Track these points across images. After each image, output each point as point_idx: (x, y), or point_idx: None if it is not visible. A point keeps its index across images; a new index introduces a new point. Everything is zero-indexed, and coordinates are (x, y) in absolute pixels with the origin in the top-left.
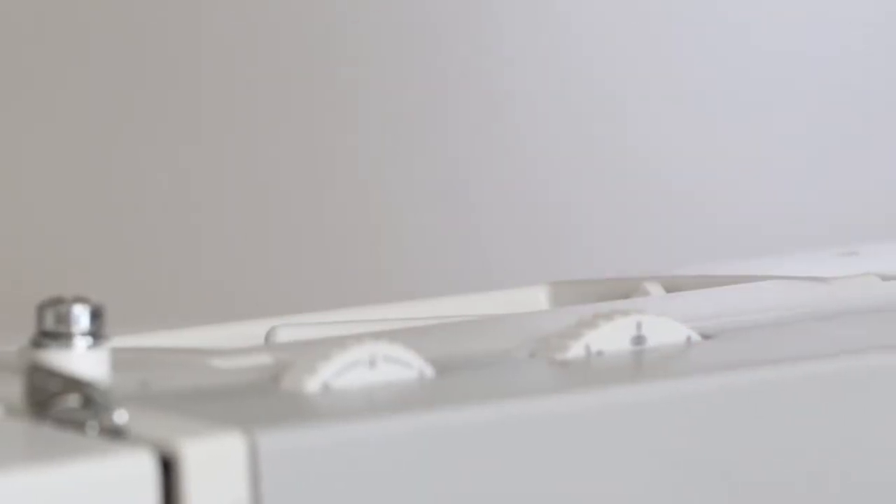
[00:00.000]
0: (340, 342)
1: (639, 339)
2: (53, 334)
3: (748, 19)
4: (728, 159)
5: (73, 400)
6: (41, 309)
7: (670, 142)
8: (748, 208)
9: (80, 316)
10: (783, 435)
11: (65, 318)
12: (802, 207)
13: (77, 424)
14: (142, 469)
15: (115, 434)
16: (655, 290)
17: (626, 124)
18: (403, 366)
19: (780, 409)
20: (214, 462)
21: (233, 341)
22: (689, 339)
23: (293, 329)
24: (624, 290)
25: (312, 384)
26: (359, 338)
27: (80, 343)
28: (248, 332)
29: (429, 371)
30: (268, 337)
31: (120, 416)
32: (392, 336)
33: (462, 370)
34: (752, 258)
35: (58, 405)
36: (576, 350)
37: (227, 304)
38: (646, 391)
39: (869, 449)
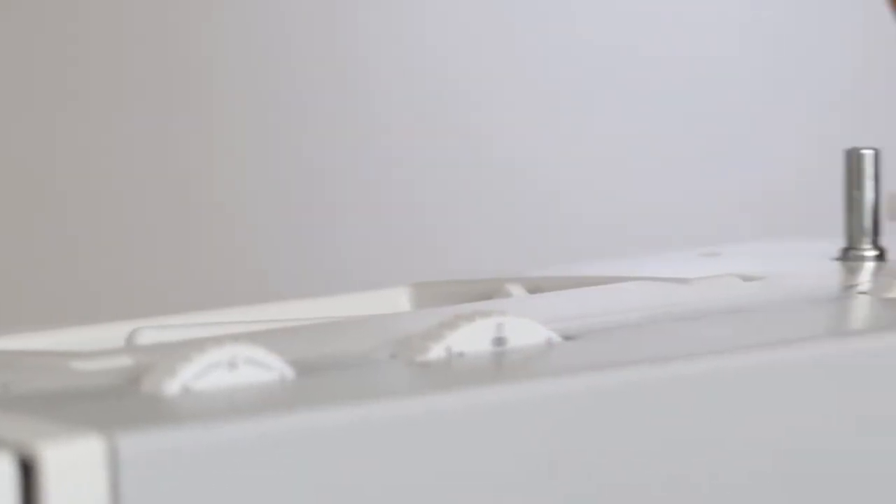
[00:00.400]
0: (200, 344)
1: (500, 341)
2: None
3: (607, 18)
4: (592, 160)
5: None
6: None
7: (534, 143)
8: (611, 209)
9: None
10: (644, 435)
11: None
12: (665, 208)
13: None
14: (1, 472)
15: None
16: (517, 291)
17: (490, 125)
18: (264, 368)
19: (642, 409)
20: (74, 465)
21: (94, 344)
22: (549, 340)
23: (155, 331)
24: (486, 291)
25: (172, 386)
26: (219, 340)
27: None
28: (110, 334)
29: (290, 373)
30: (129, 339)
31: None
32: (253, 338)
33: (323, 372)
34: (615, 259)
35: None
36: (437, 351)
37: (88, 306)
38: (506, 392)
39: (730, 449)
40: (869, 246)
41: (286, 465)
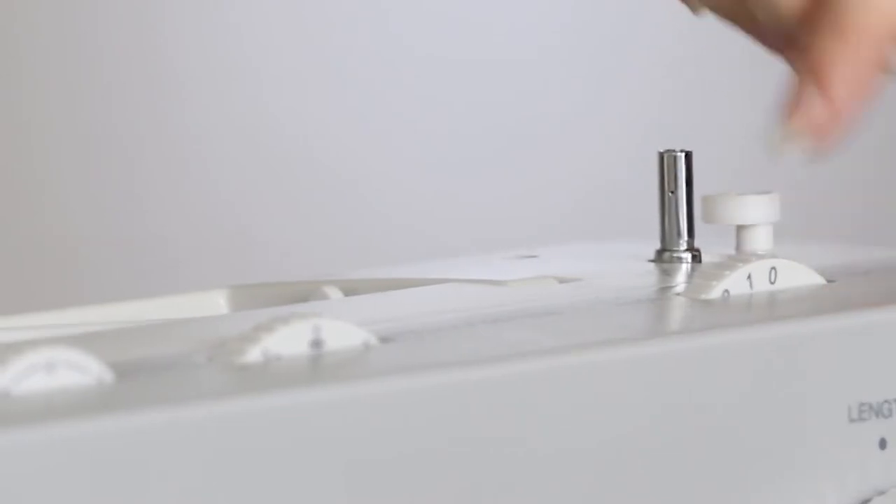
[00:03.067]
0: (17, 347)
1: (317, 343)
2: None
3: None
4: (408, 160)
5: None
6: None
7: (348, 144)
8: (426, 210)
9: None
10: (459, 437)
11: None
12: (481, 210)
13: None
14: None
15: None
16: (334, 293)
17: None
18: (82, 371)
19: (457, 411)
20: None
21: None
22: (366, 342)
23: None
24: (303, 293)
25: None
26: (35, 343)
27: None
28: None
29: (108, 375)
30: None
31: None
32: (71, 341)
33: (141, 374)
34: (432, 261)
35: None
36: (253, 354)
37: None
38: (323, 394)
39: (544, 451)
40: (684, 248)
41: (102, 467)
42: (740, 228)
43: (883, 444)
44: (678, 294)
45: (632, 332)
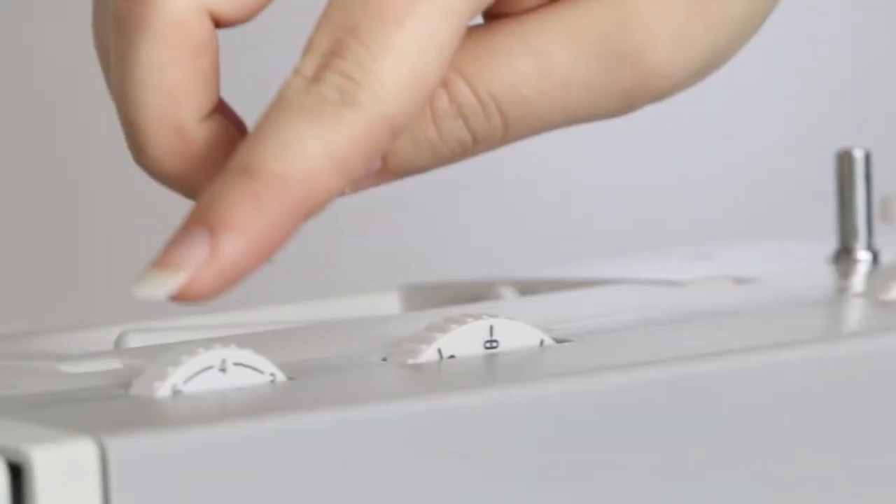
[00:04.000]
0: (191, 347)
1: (491, 343)
2: None
3: None
4: (578, 157)
5: None
6: None
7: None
8: (597, 208)
9: None
10: (636, 440)
11: None
12: (652, 207)
13: None
14: None
15: None
16: (508, 293)
17: None
18: (255, 370)
19: (634, 413)
20: (64, 469)
21: (82, 346)
22: (542, 342)
23: (143, 334)
24: (477, 293)
25: (163, 389)
26: (209, 343)
27: None
28: (98, 336)
29: (280, 376)
30: (118, 342)
31: None
32: (243, 341)
33: (314, 375)
34: (604, 259)
35: None
36: (428, 354)
37: (77, 309)
38: (498, 395)
39: (722, 453)
40: (863, 248)
41: (277, 467)
42: None
43: None
44: (857, 295)
45: (810, 334)
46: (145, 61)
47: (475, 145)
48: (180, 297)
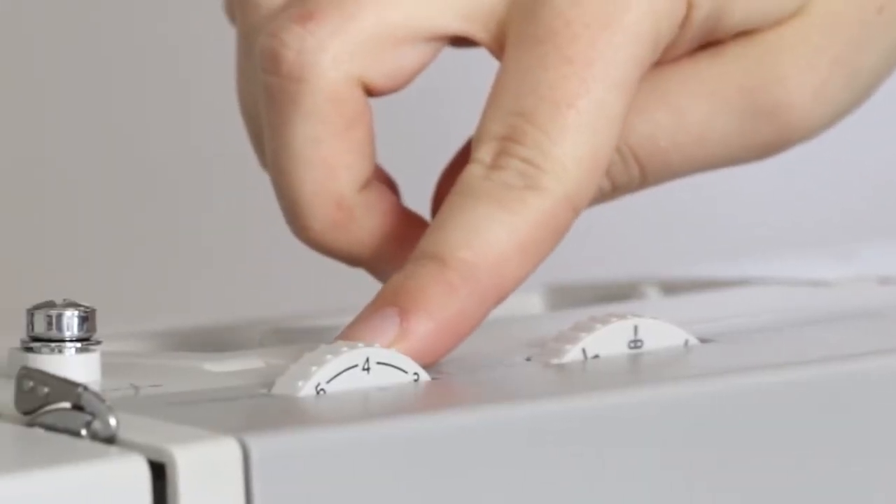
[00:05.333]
0: (335, 346)
1: (636, 343)
2: (44, 339)
3: None
4: None
5: (64, 405)
6: (31, 313)
7: None
8: (745, 207)
9: (71, 320)
10: (784, 440)
11: (55, 323)
12: (798, 206)
13: (68, 430)
14: (134, 475)
15: (107, 439)
16: (652, 292)
17: None
18: (398, 370)
19: (780, 413)
20: (207, 468)
21: (225, 345)
22: (686, 342)
23: (286, 333)
24: (620, 293)
25: (306, 388)
26: (352, 342)
27: (71, 347)
28: (241, 335)
29: (424, 375)
30: (261, 340)
31: (111, 422)
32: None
33: (458, 374)
34: (750, 259)
35: (48, 410)
36: (572, 354)
37: (219, 306)
38: (643, 395)
39: (868, 454)
40: None
41: (420, 468)
42: None
43: None
44: None
45: None
46: (301, 136)
47: (613, 191)
48: None
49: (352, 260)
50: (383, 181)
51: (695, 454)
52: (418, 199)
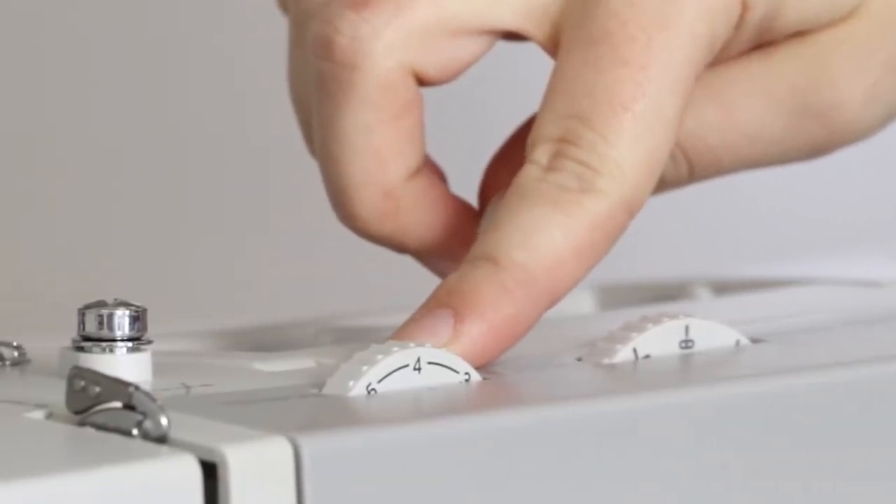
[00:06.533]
0: (386, 345)
1: (687, 343)
2: (95, 338)
3: None
4: None
5: (115, 404)
6: (83, 312)
7: None
8: (794, 206)
9: (122, 320)
10: (836, 440)
11: (107, 323)
12: (850, 205)
13: (119, 429)
14: (185, 474)
15: (158, 439)
16: (703, 292)
17: None
18: (449, 370)
19: (832, 414)
20: (258, 468)
21: (276, 344)
22: (738, 342)
23: (338, 332)
24: (671, 292)
25: (357, 388)
26: (404, 342)
27: (122, 347)
28: (293, 334)
29: (475, 375)
30: (312, 339)
31: (162, 421)
32: None
33: (508, 374)
34: (802, 258)
35: (100, 409)
36: (623, 354)
37: (271, 306)
38: (694, 395)
39: None
40: None
41: (472, 468)
42: None
43: None
44: None
45: None
46: (351, 124)
47: (662, 185)
48: None
49: (399, 248)
50: (433, 171)
51: (745, 454)
52: (467, 188)
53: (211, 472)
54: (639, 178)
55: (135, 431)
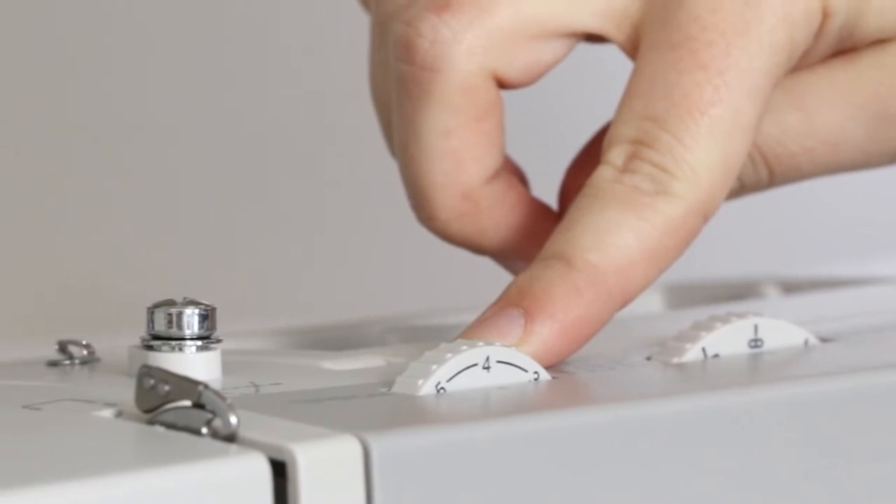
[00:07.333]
0: (455, 344)
1: (756, 342)
2: (164, 337)
3: None
4: None
5: (184, 403)
6: (152, 311)
7: None
8: (863, 206)
9: (191, 319)
10: None
11: (176, 321)
12: None
13: (188, 428)
14: (255, 473)
15: (227, 438)
16: (772, 291)
17: None
18: (519, 369)
19: None
20: (327, 466)
21: (345, 343)
22: (807, 342)
23: (407, 331)
24: (740, 292)
25: (426, 387)
26: (472, 341)
27: (191, 346)
28: (362, 333)
29: (544, 374)
30: (380, 338)
31: (232, 420)
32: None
33: (578, 373)
34: (872, 258)
35: (169, 408)
36: (692, 353)
37: (340, 304)
38: (763, 395)
39: None
40: None
41: (541, 467)
42: None
43: None
44: None
45: None
46: (431, 127)
47: (741, 190)
48: None
49: (477, 249)
50: (513, 172)
51: (814, 453)
52: (548, 191)
53: (280, 471)
54: (713, 182)
55: (204, 430)
